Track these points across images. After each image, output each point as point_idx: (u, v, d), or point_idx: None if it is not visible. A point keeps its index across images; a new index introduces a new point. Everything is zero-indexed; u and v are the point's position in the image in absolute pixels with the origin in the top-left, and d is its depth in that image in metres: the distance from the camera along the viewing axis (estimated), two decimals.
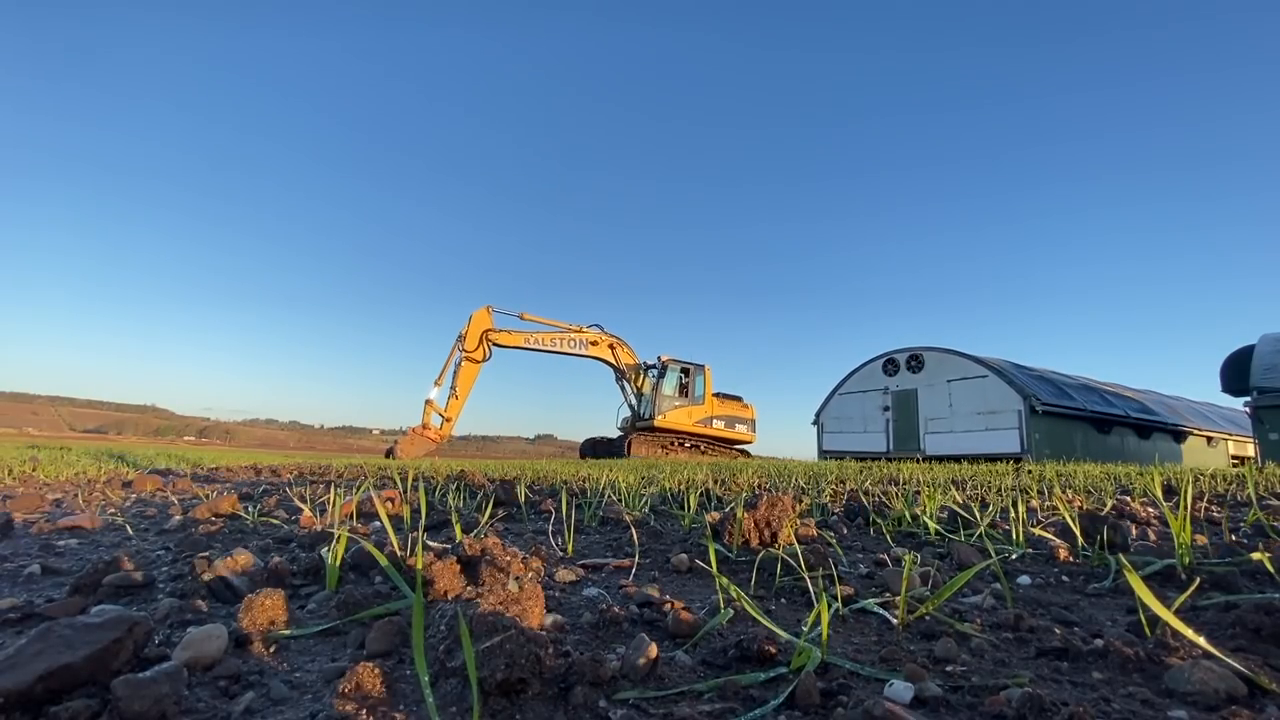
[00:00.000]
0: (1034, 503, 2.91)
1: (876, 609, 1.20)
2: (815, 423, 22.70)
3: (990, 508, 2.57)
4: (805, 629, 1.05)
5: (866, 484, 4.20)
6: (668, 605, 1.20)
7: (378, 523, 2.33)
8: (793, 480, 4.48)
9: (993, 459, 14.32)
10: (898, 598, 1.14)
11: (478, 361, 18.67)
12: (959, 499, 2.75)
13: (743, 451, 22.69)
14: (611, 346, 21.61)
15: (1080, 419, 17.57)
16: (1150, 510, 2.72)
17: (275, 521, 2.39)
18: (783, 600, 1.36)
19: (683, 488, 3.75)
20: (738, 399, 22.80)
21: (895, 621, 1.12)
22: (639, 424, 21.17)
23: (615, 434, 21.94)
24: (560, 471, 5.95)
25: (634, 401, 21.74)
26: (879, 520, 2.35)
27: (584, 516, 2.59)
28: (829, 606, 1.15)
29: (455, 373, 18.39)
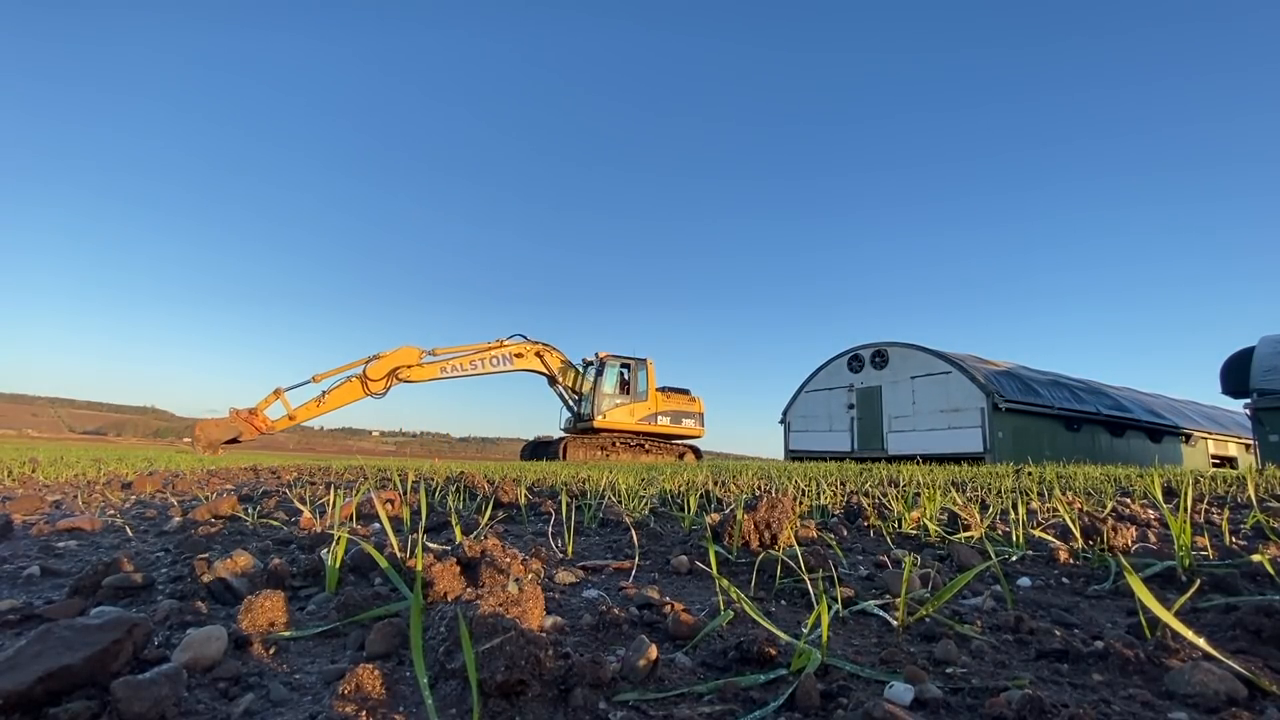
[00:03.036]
0: (1034, 504, 2.91)
1: (877, 611, 1.20)
2: (782, 421, 22.18)
3: (990, 509, 2.57)
4: (805, 631, 1.05)
5: (866, 485, 4.20)
6: (668, 607, 1.19)
7: (377, 524, 2.33)
8: (792, 481, 4.48)
9: (955, 459, 13.88)
10: (898, 599, 1.14)
11: (368, 392, 17.33)
12: (959, 501, 2.75)
13: (691, 447, 21.72)
14: (539, 354, 20.36)
15: (1047, 416, 17.04)
16: (1150, 512, 2.72)
17: (275, 523, 2.39)
18: (783, 602, 1.36)
19: (682, 489, 3.75)
20: (684, 392, 21.78)
21: (895, 623, 1.12)
22: (579, 425, 20.12)
23: (559, 436, 20.81)
24: (560, 473, 5.95)
25: (572, 403, 20.67)
26: (879, 522, 2.35)
27: (584, 518, 2.59)
28: (829, 608, 1.15)
29: (339, 383, 16.90)
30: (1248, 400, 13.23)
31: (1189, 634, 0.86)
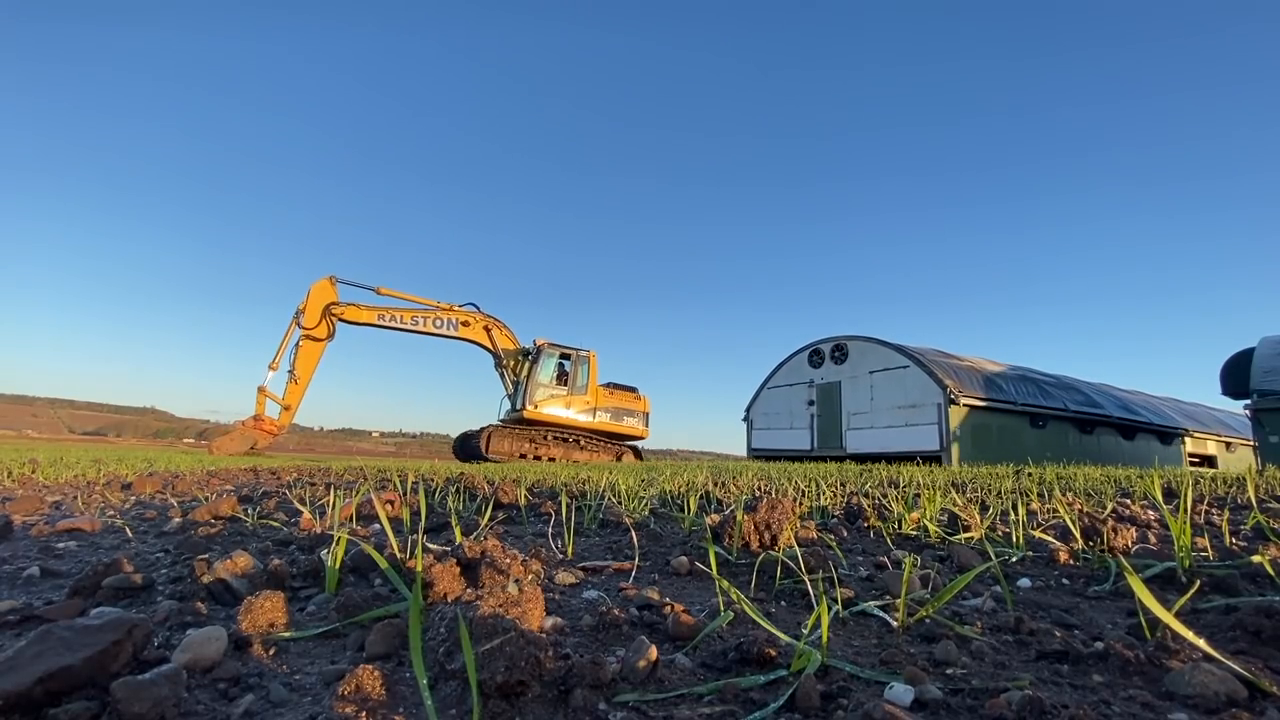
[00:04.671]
0: (1034, 505, 2.91)
1: (877, 612, 1.20)
2: (745, 419, 21.37)
3: (990, 510, 2.57)
4: (805, 632, 1.05)
5: (866, 486, 4.20)
6: (668, 608, 1.19)
7: (377, 525, 2.33)
8: (792, 482, 4.48)
9: (912, 458, 13.31)
10: (898, 600, 1.14)
11: (319, 340, 16.59)
12: (959, 502, 2.75)
13: (631, 447, 20.60)
14: (487, 329, 19.14)
15: (1010, 413, 16.33)
16: (1150, 513, 2.72)
17: (275, 524, 2.39)
18: (783, 603, 1.36)
19: (682, 490, 3.74)
20: (630, 390, 20.61)
21: (895, 624, 1.12)
22: (512, 415, 18.93)
23: (482, 426, 19.25)
24: (560, 474, 5.95)
25: (511, 390, 19.50)
26: (879, 523, 2.35)
27: (584, 519, 2.59)
28: (829, 609, 1.15)
29: (294, 353, 16.34)
30: (1248, 402, 13.22)
31: (1189, 635, 0.86)
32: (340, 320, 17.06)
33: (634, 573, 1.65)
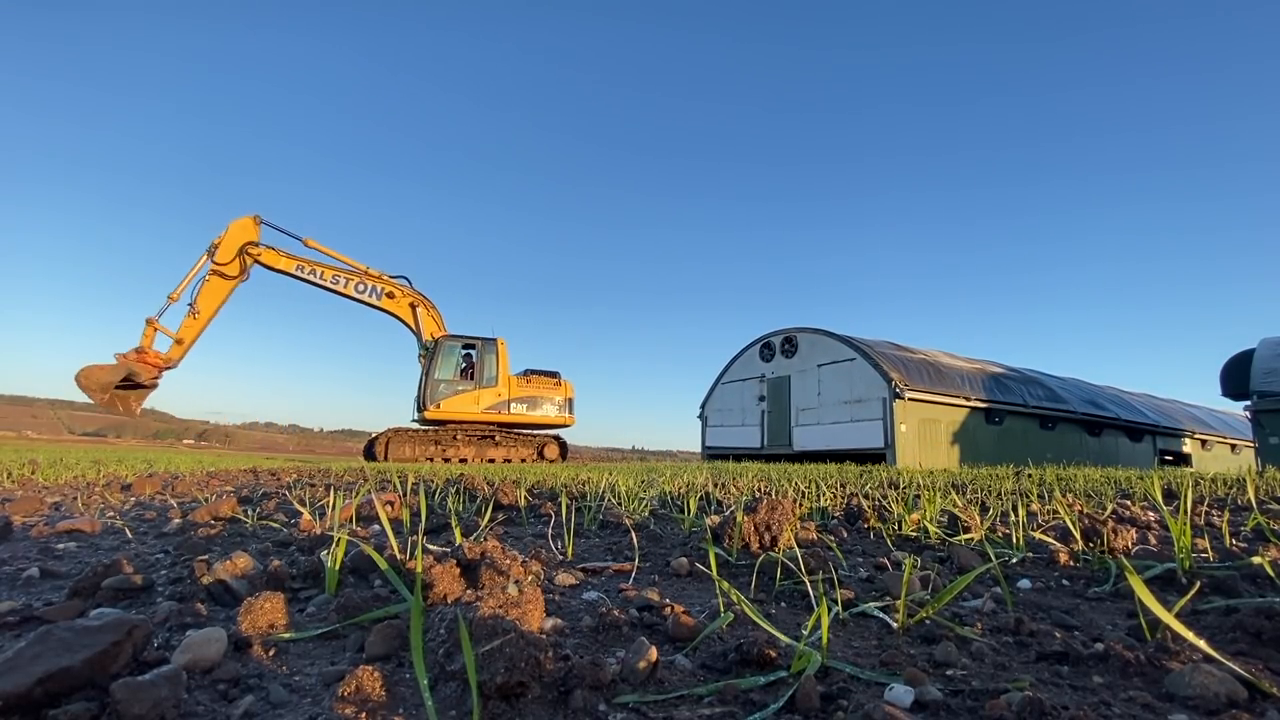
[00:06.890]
0: (1034, 506, 2.91)
1: (877, 613, 1.20)
2: (700, 416, 20.68)
3: (990, 511, 2.57)
4: (805, 633, 1.04)
5: (866, 487, 4.20)
6: (668, 609, 1.19)
7: (377, 526, 2.33)
8: (792, 483, 4.48)
9: (856, 456, 12.81)
10: (898, 601, 1.14)
11: (230, 278, 15.28)
12: (959, 503, 2.75)
13: (554, 438, 19.00)
14: (414, 305, 17.50)
15: (964, 408, 15.61)
16: (1150, 514, 2.72)
17: (274, 525, 2.39)
18: (783, 604, 1.36)
19: (682, 491, 3.74)
20: (551, 375, 19.05)
21: (895, 625, 1.12)
22: (415, 416, 17.56)
23: (381, 431, 17.77)
24: (560, 475, 5.95)
25: (420, 385, 18.03)
26: (879, 524, 2.35)
27: (584, 520, 2.59)
28: (829, 610, 1.15)
29: (199, 287, 14.99)
30: (1248, 403, 13.23)
31: (1189, 636, 0.86)
32: (257, 263, 15.76)
33: (634, 574, 1.65)
